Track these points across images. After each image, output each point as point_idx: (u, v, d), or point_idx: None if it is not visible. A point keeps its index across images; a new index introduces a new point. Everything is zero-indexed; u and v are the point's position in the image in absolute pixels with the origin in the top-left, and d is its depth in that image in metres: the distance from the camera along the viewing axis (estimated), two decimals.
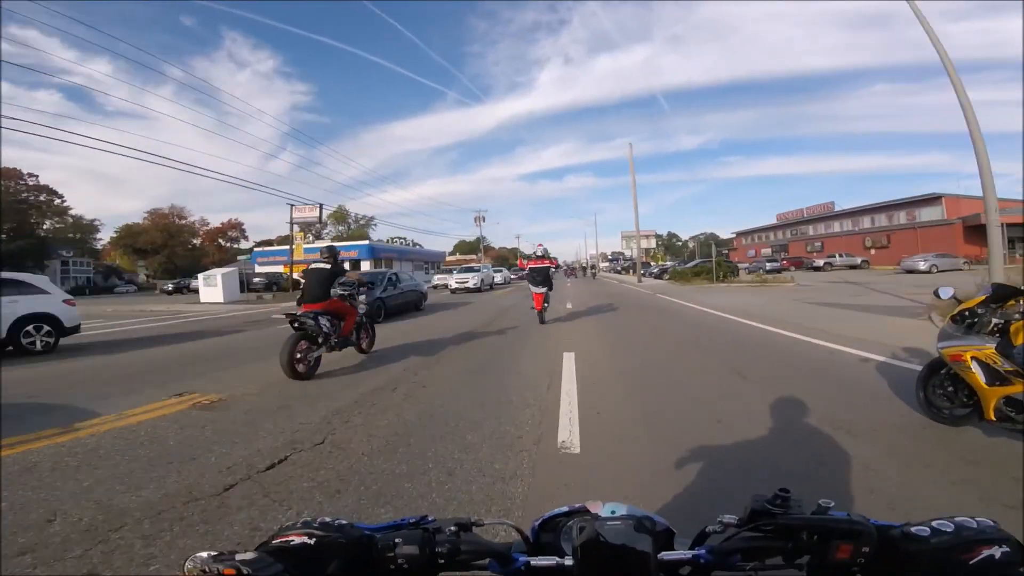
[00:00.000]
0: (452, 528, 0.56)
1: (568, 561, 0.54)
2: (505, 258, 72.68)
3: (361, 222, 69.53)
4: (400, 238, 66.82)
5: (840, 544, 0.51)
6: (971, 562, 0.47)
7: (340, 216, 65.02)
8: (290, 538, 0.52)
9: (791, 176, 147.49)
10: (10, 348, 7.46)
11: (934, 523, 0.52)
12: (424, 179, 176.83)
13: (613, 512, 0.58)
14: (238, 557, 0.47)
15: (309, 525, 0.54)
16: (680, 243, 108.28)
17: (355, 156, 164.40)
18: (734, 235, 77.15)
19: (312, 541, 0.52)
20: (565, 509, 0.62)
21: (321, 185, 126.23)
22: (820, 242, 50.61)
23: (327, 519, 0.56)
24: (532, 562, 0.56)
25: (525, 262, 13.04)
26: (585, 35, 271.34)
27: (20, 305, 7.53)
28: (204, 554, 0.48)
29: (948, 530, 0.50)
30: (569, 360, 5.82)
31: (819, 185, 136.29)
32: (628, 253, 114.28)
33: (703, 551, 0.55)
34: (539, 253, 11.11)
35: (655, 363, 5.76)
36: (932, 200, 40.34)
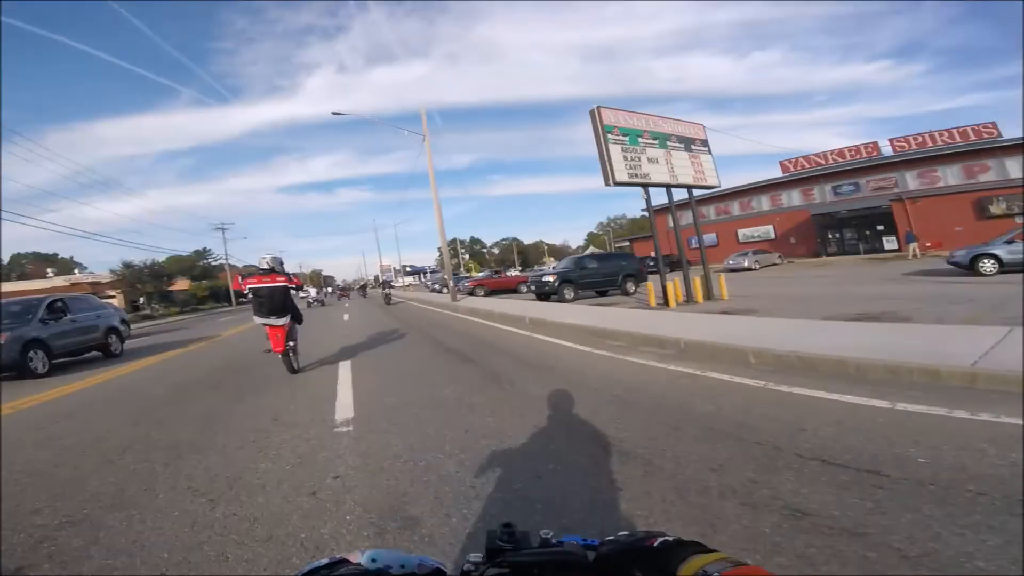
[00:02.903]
0: None
1: None
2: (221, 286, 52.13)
3: None
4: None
5: None
6: (654, 545, 0.54)
7: None
8: None
9: (544, 195, 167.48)
10: None
11: (621, 534, 0.59)
12: (143, 189, 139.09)
13: (374, 560, 0.55)
14: None
15: None
16: (484, 250, 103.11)
17: (42, 158, 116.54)
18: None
19: None
20: (325, 561, 0.56)
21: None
22: None
23: None
24: None
25: (243, 280, 6.46)
26: (364, 44, 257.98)
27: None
28: None
29: (632, 532, 0.59)
30: None
31: (568, 204, 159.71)
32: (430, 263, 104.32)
33: None
34: (267, 265, 6.09)
35: None
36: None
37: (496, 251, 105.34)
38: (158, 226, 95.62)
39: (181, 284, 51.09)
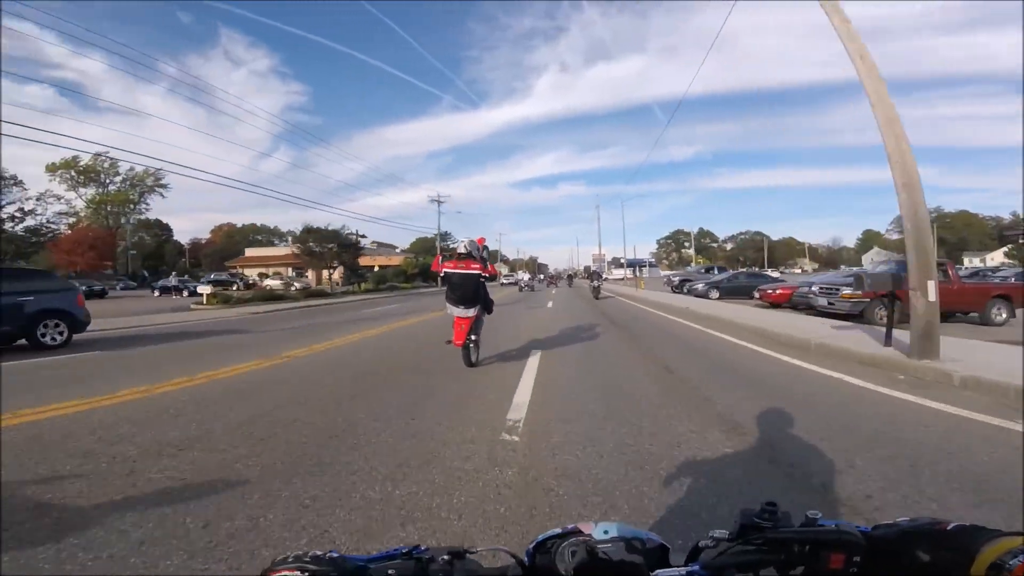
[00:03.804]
0: (445, 557, 0.55)
1: None
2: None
3: (144, 181, 45.19)
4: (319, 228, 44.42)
5: (831, 555, 0.51)
6: (947, 528, 0.49)
7: (75, 166, 41.65)
8: (282, 573, 0.50)
9: (775, 188, 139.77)
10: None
11: (900, 519, 0.54)
12: (417, 183, 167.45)
13: (606, 532, 0.57)
14: None
15: (300, 559, 0.52)
16: (715, 244, 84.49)
17: (348, 158, 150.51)
18: None
19: None
20: (558, 531, 0.59)
21: (316, 185, 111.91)
22: None
23: (318, 552, 0.54)
24: None
25: (443, 263, 5.63)
26: (582, 43, 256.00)
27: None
28: None
29: (914, 519, 0.53)
30: None
31: (803, 197, 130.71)
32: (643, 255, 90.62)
33: (696, 567, 0.55)
34: (464, 249, 5.59)
35: None
36: None
37: (729, 247, 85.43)
38: (427, 211, 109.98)
39: (395, 259, 50.97)
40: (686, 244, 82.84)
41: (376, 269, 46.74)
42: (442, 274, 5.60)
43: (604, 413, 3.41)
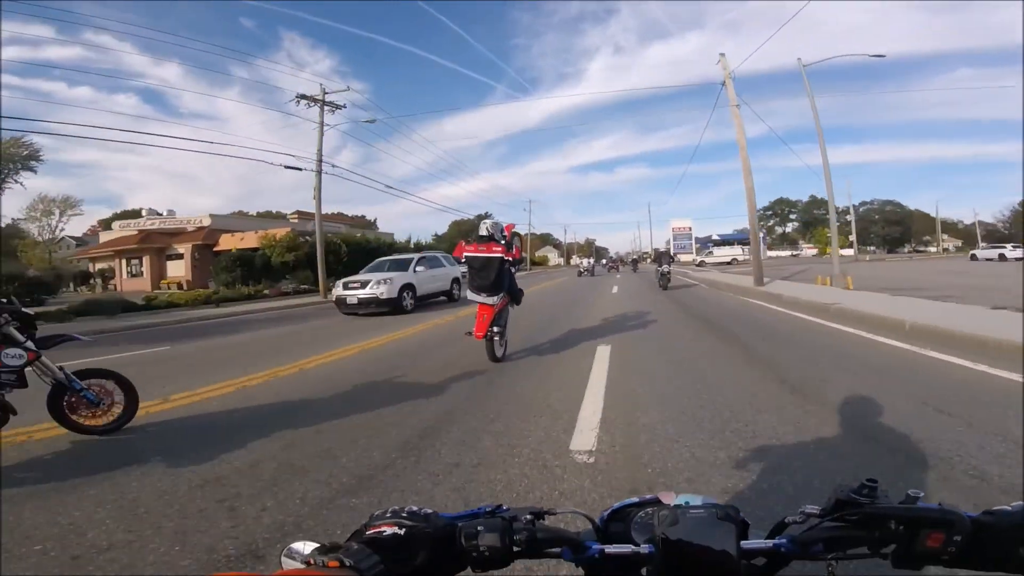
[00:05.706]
0: (528, 517, 0.58)
1: (644, 549, 0.54)
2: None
3: (13, 156, 29.44)
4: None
5: (931, 533, 0.50)
6: None
7: None
8: (382, 528, 0.52)
9: (865, 164, 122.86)
10: None
11: (1016, 504, 0.51)
12: (476, 173, 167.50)
13: (687, 503, 0.57)
14: (341, 550, 0.48)
15: (398, 515, 0.54)
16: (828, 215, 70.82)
17: (410, 151, 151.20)
18: None
19: (403, 532, 0.52)
20: (635, 500, 0.61)
21: (385, 177, 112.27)
22: None
23: (414, 508, 0.56)
24: (607, 550, 0.57)
25: (467, 246, 5.44)
26: (635, 23, 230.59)
27: None
28: (303, 545, 0.50)
29: None
30: None
31: (894, 175, 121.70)
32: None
33: (785, 540, 0.54)
34: (485, 231, 5.42)
35: None
36: None
37: (849, 218, 71.13)
38: (487, 200, 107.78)
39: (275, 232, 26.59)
40: (792, 215, 70.02)
41: (232, 251, 27.10)
42: (463, 259, 5.43)
43: None
